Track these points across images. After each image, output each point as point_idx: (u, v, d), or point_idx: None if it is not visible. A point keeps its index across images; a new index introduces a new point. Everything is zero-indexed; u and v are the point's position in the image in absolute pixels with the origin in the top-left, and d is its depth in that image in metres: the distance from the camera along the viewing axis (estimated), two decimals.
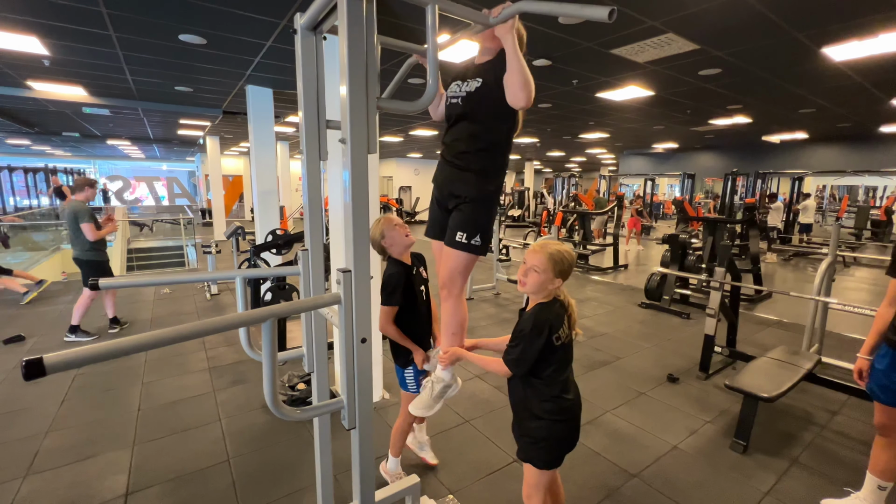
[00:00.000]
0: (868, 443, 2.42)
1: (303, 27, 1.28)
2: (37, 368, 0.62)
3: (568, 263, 1.37)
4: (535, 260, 1.36)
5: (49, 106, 6.72)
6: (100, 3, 2.94)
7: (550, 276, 1.35)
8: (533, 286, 1.37)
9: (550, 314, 1.36)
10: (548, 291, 1.38)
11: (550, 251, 1.36)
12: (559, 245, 1.39)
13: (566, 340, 1.38)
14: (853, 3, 2.85)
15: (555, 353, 1.36)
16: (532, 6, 1.11)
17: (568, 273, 1.38)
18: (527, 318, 1.39)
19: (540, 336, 1.33)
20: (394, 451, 2.06)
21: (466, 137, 1.51)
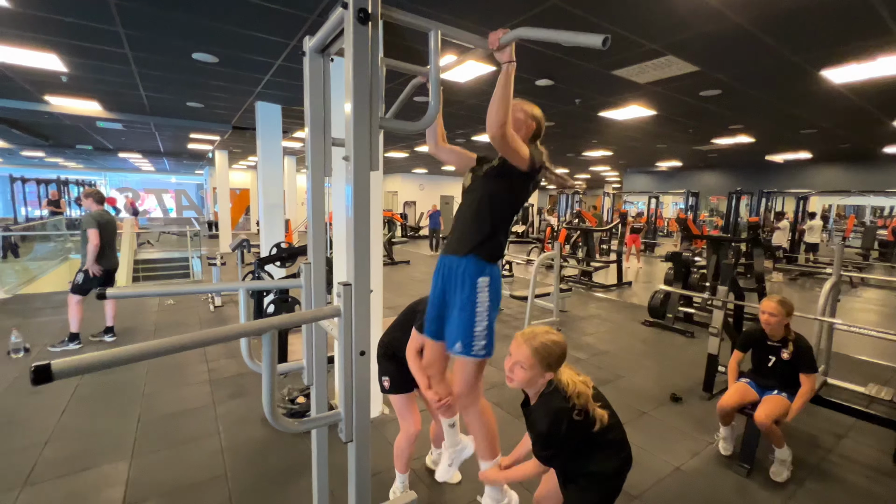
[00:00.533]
0: (875, 468, 2.37)
1: (311, 50, 1.34)
2: (45, 374, 0.64)
3: (556, 355, 1.29)
4: (519, 354, 1.29)
5: (64, 120, 6.90)
6: (118, 24, 3.06)
7: (539, 370, 1.28)
8: (520, 382, 1.31)
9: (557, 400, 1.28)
10: (540, 385, 1.31)
11: (535, 345, 1.28)
12: (546, 335, 1.31)
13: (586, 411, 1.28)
14: (849, 27, 2.91)
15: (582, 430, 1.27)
16: (529, 33, 1.15)
17: (558, 364, 1.30)
18: (536, 415, 1.32)
19: (559, 424, 1.25)
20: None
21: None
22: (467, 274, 1.47)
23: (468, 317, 1.46)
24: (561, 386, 1.31)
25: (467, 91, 4.74)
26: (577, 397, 1.29)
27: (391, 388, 1.91)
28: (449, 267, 1.53)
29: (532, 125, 1.58)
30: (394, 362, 1.90)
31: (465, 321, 1.46)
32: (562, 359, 1.31)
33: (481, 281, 1.46)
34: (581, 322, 5.20)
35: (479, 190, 1.52)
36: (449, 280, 1.52)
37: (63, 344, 3.89)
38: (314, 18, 2.92)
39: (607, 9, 2.70)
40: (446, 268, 1.54)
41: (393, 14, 1.11)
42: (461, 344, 1.47)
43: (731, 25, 2.87)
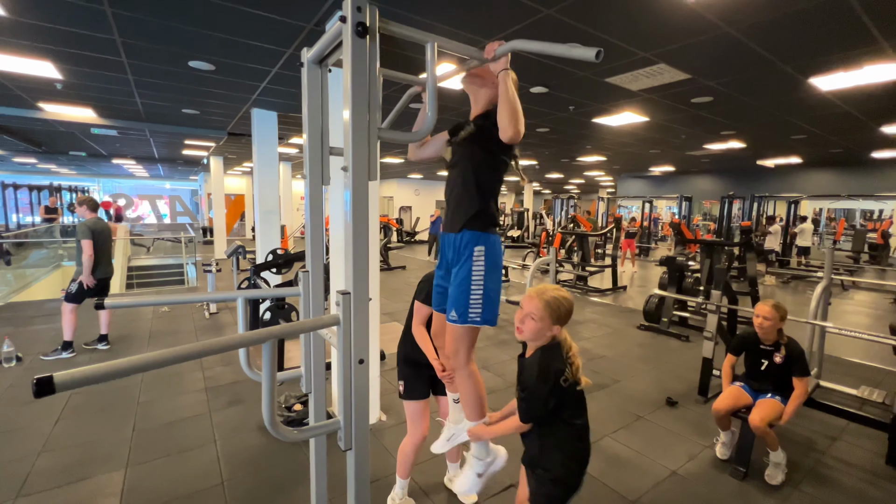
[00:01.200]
0: (869, 470, 2.40)
1: (309, 61, 1.36)
2: (47, 387, 0.65)
3: (566, 309, 1.34)
4: (531, 307, 1.34)
5: (58, 126, 6.87)
6: (114, 32, 3.07)
7: (548, 322, 1.33)
8: (530, 333, 1.36)
9: (553, 357, 1.33)
10: (546, 338, 1.36)
11: (547, 298, 1.33)
12: (556, 290, 1.36)
13: (571, 382, 1.34)
14: (836, 36, 2.98)
15: (564, 395, 1.33)
16: (524, 45, 1.18)
17: (566, 319, 1.35)
18: (530, 365, 1.36)
19: (546, 381, 1.30)
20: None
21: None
22: (464, 246, 1.48)
23: (464, 287, 1.46)
24: (563, 343, 1.36)
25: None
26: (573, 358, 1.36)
27: (405, 392, 1.93)
28: (450, 244, 1.54)
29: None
30: (411, 366, 1.92)
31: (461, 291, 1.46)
32: (569, 314, 1.36)
33: (477, 251, 1.46)
34: (577, 326, 5.23)
35: (462, 161, 1.51)
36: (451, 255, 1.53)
37: (56, 353, 3.86)
38: (311, 28, 2.94)
39: (600, 19, 2.75)
40: (447, 245, 1.56)
41: (391, 27, 1.13)
42: (456, 312, 1.47)
43: (721, 35, 2.92)
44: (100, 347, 4.10)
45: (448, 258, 1.54)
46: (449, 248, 1.54)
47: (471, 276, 1.45)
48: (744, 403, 2.40)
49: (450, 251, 1.53)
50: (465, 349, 1.50)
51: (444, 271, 1.57)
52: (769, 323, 2.33)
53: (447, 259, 1.55)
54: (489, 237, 1.48)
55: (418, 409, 1.94)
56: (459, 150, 1.53)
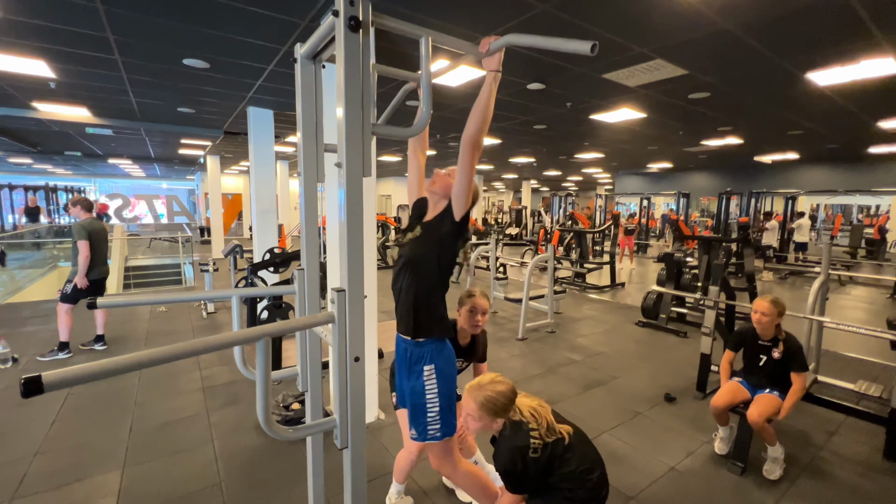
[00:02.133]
0: (866, 464, 2.41)
1: (303, 56, 1.34)
2: (35, 386, 0.64)
3: (502, 404, 1.38)
4: (468, 407, 1.39)
5: (52, 126, 6.83)
6: (107, 30, 3.04)
7: (488, 420, 1.38)
8: (476, 431, 1.42)
9: (513, 439, 1.36)
10: (495, 429, 1.41)
11: (480, 400, 1.37)
12: (491, 384, 1.40)
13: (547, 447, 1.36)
14: (832, 31, 2.97)
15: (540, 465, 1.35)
16: (519, 39, 1.16)
17: (507, 410, 1.39)
18: (498, 450, 1.41)
19: (515, 463, 1.34)
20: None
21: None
22: (414, 362, 1.55)
23: (420, 405, 1.53)
24: (517, 419, 1.40)
25: (459, 95, 4.76)
26: (537, 420, 1.39)
27: (398, 404, 1.92)
28: (401, 348, 1.62)
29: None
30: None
31: (417, 410, 1.54)
32: (509, 406, 1.40)
33: (427, 370, 1.53)
34: (575, 323, 5.23)
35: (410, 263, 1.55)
36: (401, 363, 1.63)
37: (52, 353, 3.84)
38: (306, 24, 2.92)
39: (597, 14, 2.73)
40: (399, 348, 1.64)
41: (384, 21, 1.12)
42: (416, 431, 1.55)
43: (718, 30, 2.91)
44: (96, 348, 4.08)
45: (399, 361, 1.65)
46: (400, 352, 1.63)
47: (424, 394, 1.52)
48: (742, 399, 2.40)
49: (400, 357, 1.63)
50: (447, 460, 1.58)
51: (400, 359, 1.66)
52: (767, 318, 2.33)
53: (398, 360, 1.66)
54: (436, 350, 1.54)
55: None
56: (405, 249, 1.59)
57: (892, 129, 6.42)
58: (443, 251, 1.53)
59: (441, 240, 1.51)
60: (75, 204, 3.97)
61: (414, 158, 1.75)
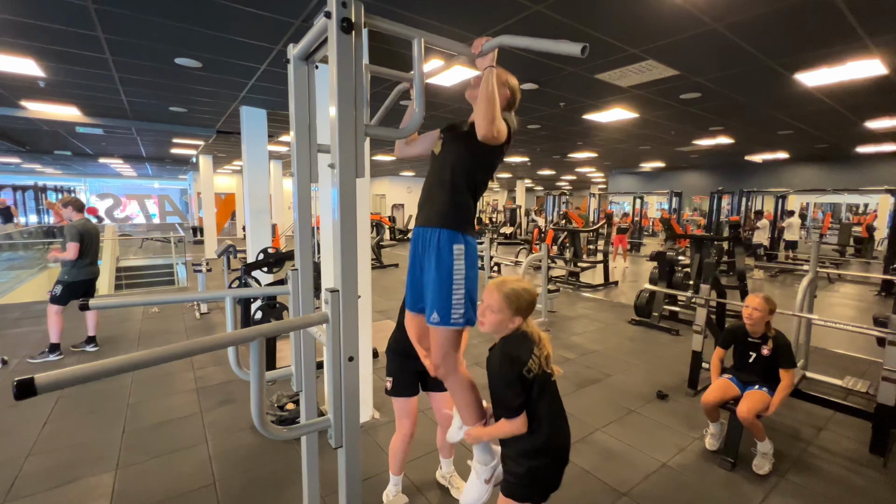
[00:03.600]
0: (853, 458, 2.46)
1: (295, 57, 1.35)
2: (28, 389, 0.64)
3: (526, 301, 1.33)
4: (490, 299, 1.33)
5: (42, 125, 6.74)
6: (97, 29, 3.01)
7: (508, 314, 1.32)
8: (491, 325, 1.35)
9: (514, 347, 1.32)
10: (509, 329, 1.35)
11: (506, 290, 1.32)
12: (517, 282, 1.35)
13: (539, 373, 1.31)
14: (820, 33, 3.02)
15: (527, 387, 1.30)
16: (511, 41, 1.18)
17: (528, 310, 1.34)
18: (492, 356, 1.35)
19: (511, 370, 1.29)
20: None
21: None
22: (442, 243, 1.43)
23: (445, 286, 1.41)
24: (528, 331, 1.35)
25: (452, 95, 4.77)
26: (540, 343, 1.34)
27: (392, 389, 1.90)
28: (423, 238, 1.48)
29: (507, 94, 1.53)
30: (401, 362, 1.88)
31: (441, 291, 1.41)
32: (531, 306, 1.35)
33: (456, 248, 1.42)
34: (569, 322, 5.26)
35: (449, 156, 1.48)
36: (424, 251, 1.48)
37: (43, 355, 3.80)
38: (298, 24, 2.92)
39: (589, 15, 2.76)
40: (421, 239, 1.49)
41: (376, 22, 1.13)
42: (437, 314, 1.42)
43: (708, 31, 2.95)
44: (88, 349, 4.05)
45: (420, 253, 1.49)
46: (423, 243, 1.47)
47: (452, 275, 1.41)
48: (732, 395, 2.44)
49: (424, 246, 1.47)
50: (453, 355, 1.47)
51: (416, 267, 1.51)
52: (759, 314, 2.37)
53: (419, 254, 1.49)
54: (468, 237, 1.46)
55: (405, 406, 1.92)
56: (448, 145, 1.51)
57: (879, 129, 6.53)
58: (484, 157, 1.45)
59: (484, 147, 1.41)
60: (66, 205, 3.93)
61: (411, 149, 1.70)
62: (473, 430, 1.46)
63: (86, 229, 3.88)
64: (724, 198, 11.66)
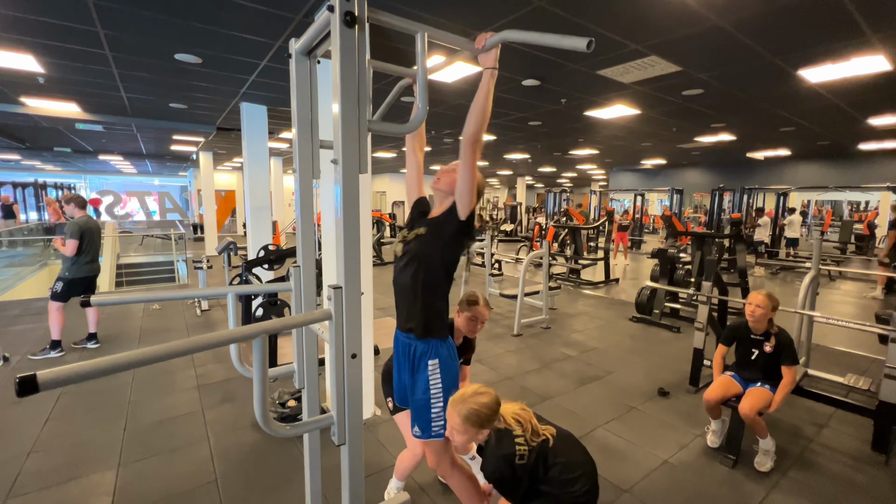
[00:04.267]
0: (855, 455, 2.46)
1: (297, 52, 1.33)
2: (30, 385, 0.63)
3: (486, 416, 1.36)
4: (452, 421, 1.38)
5: (41, 122, 6.72)
6: (97, 24, 2.99)
7: (473, 432, 1.36)
8: (463, 444, 1.40)
9: (499, 447, 1.36)
10: (480, 440, 1.39)
11: (465, 413, 1.35)
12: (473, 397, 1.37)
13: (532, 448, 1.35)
14: (824, 29, 2.99)
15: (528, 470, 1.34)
16: (515, 36, 1.16)
17: (491, 420, 1.38)
18: (485, 464, 1.40)
19: (503, 470, 1.33)
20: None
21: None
22: (418, 357, 1.54)
23: (423, 404, 1.52)
24: (502, 427, 1.39)
25: (454, 91, 4.75)
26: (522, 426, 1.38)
27: (394, 409, 1.90)
28: (402, 345, 1.60)
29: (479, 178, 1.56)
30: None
31: (420, 409, 1.53)
32: (493, 416, 1.38)
33: (431, 364, 1.52)
34: (570, 319, 5.26)
35: (415, 260, 1.52)
36: (404, 360, 1.60)
37: (45, 352, 3.80)
38: (300, 19, 2.89)
39: (592, 11, 2.74)
40: (400, 345, 1.61)
41: (379, 17, 1.11)
42: (419, 427, 1.54)
43: (711, 27, 2.93)
44: (89, 346, 4.05)
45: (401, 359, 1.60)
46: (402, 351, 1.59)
47: (429, 391, 1.51)
48: (734, 392, 2.43)
49: (403, 354, 1.59)
50: (445, 458, 1.57)
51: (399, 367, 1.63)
52: (761, 311, 2.36)
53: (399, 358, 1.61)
54: (440, 346, 1.53)
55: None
56: (409, 247, 1.56)
57: (882, 126, 6.50)
58: (448, 250, 1.51)
59: (447, 239, 1.49)
60: (68, 202, 3.92)
61: (412, 156, 1.74)
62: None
63: (87, 226, 3.87)
64: (726, 195, 11.63)
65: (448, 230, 1.49)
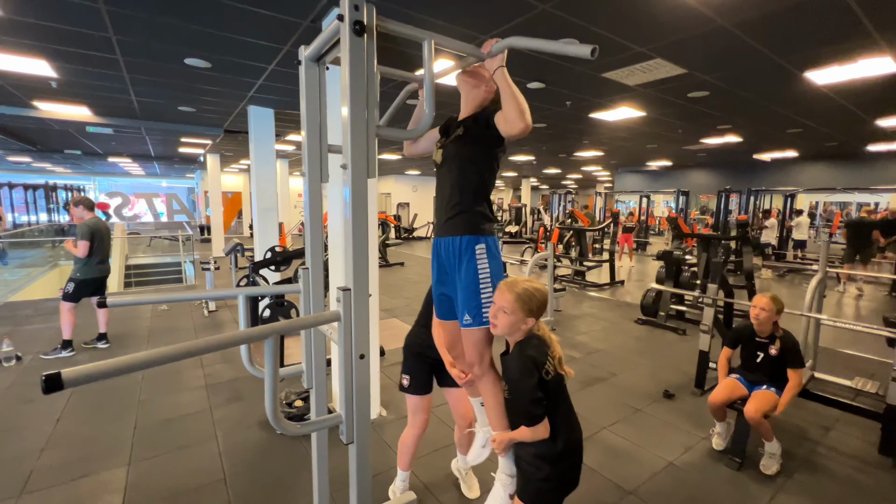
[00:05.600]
0: (862, 459, 2.45)
1: (307, 59, 1.37)
2: (55, 383, 0.66)
3: (538, 301, 1.32)
4: (502, 300, 1.32)
5: (53, 125, 6.83)
6: (109, 30, 3.05)
7: (521, 315, 1.31)
8: (504, 327, 1.34)
9: (532, 350, 1.32)
10: (522, 331, 1.34)
11: (518, 291, 1.31)
12: (529, 282, 1.34)
13: (555, 376, 1.32)
14: (830, 30, 2.99)
15: (546, 390, 1.31)
16: (520, 42, 1.18)
17: (541, 311, 1.34)
18: (511, 361, 1.35)
19: (531, 376, 1.29)
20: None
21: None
22: (463, 248, 1.45)
23: (473, 288, 1.43)
24: (540, 334, 1.35)
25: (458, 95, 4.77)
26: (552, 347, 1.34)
27: (409, 387, 1.92)
28: (444, 248, 1.51)
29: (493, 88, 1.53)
30: (418, 360, 1.92)
31: (470, 293, 1.43)
32: (543, 306, 1.34)
33: (479, 248, 1.44)
34: (575, 321, 5.26)
35: (452, 163, 1.49)
36: (447, 259, 1.50)
37: (56, 352, 3.86)
38: (307, 24, 2.94)
39: (597, 14, 2.75)
40: (441, 249, 1.52)
41: (388, 25, 1.14)
42: (469, 315, 1.44)
43: (717, 29, 2.93)
44: (99, 346, 4.11)
45: (444, 262, 1.52)
46: (445, 253, 1.50)
47: (478, 275, 1.43)
48: (739, 395, 2.43)
49: (447, 256, 1.50)
50: (488, 353, 1.49)
51: (441, 277, 1.54)
52: (766, 314, 2.36)
53: (442, 264, 1.52)
54: (488, 237, 1.47)
55: (420, 403, 1.95)
56: (448, 151, 1.52)
57: (890, 128, 6.44)
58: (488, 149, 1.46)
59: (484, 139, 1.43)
60: (77, 204, 3.99)
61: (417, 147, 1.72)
62: (500, 435, 1.44)
63: (97, 228, 3.94)
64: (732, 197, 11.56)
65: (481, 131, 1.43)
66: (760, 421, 2.24)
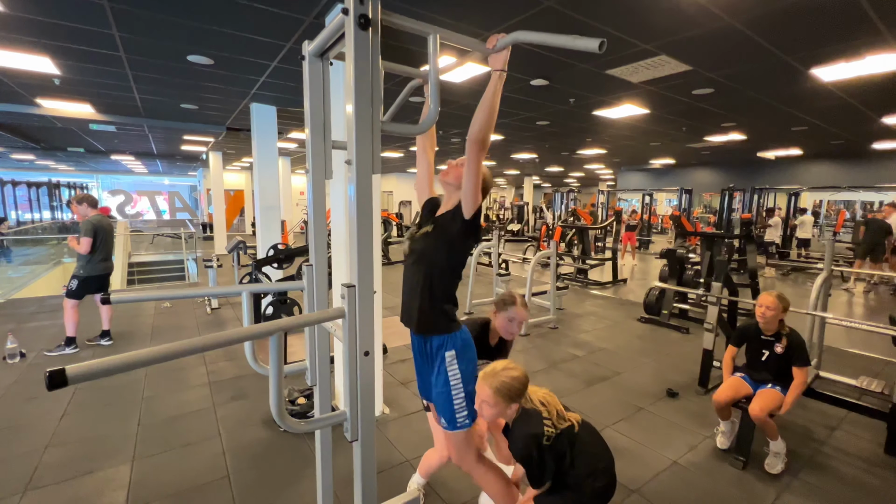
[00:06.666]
0: (867, 459, 2.43)
1: (311, 54, 1.35)
2: (60, 379, 0.66)
3: (517, 389, 1.39)
4: (483, 394, 1.40)
5: (56, 122, 6.84)
6: (112, 27, 3.05)
7: (503, 406, 1.39)
8: (491, 417, 1.42)
9: (525, 426, 1.38)
10: (510, 416, 1.42)
11: (496, 385, 1.38)
12: (505, 371, 1.40)
13: (558, 434, 1.38)
14: (838, 26, 2.96)
15: (554, 453, 1.37)
16: (526, 37, 1.17)
17: (520, 395, 1.40)
18: (512, 440, 1.42)
19: (532, 447, 1.35)
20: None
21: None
22: (434, 352, 1.55)
23: (446, 395, 1.53)
24: (529, 407, 1.41)
25: (463, 91, 4.76)
26: (547, 407, 1.41)
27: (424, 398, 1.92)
28: (418, 344, 1.62)
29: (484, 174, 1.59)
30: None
31: (444, 399, 1.54)
32: (522, 391, 1.41)
33: (448, 357, 1.53)
34: (578, 319, 5.25)
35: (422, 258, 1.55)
36: (421, 357, 1.62)
37: (60, 348, 3.88)
38: (310, 21, 2.92)
39: (601, 10, 2.73)
40: (416, 344, 1.63)
41: (393, 19, 1.13)
42: (445, 419, 1.56)
43: (723, 26, 2.90)
44: (103, 343, 4.12)
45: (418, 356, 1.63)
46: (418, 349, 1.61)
47: (449, 383, 1.52)
48: (744, 394, 2.42)
49: (419, 351, 1.61)
50: (469, 452, 1.57)
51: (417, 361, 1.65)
52: (772, 313, 2.35)
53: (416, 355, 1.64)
54: (455, 337, 1.54)
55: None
56: (416, 245, 1.58)
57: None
58: (454, 249, 1.52)
59: (453, 238, 1.50)
60: (80, 202, 4.00)
61: (423, 156, 1.74)
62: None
63: (100, 225, 3.95)
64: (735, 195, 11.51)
65: (453, 229, 1.50)
66: (765, 420, 2.23)
